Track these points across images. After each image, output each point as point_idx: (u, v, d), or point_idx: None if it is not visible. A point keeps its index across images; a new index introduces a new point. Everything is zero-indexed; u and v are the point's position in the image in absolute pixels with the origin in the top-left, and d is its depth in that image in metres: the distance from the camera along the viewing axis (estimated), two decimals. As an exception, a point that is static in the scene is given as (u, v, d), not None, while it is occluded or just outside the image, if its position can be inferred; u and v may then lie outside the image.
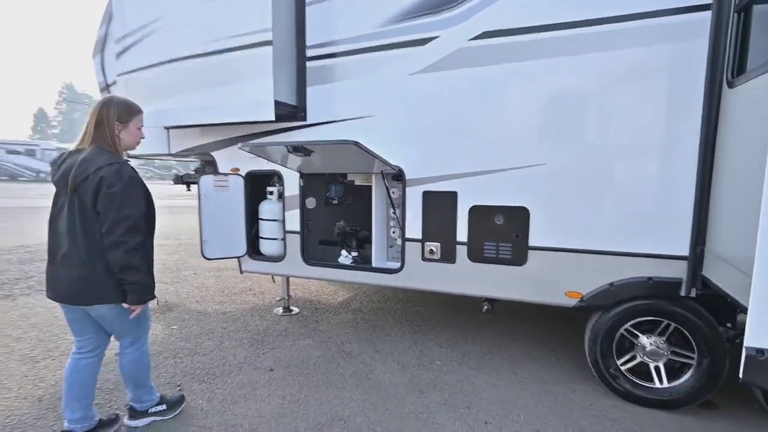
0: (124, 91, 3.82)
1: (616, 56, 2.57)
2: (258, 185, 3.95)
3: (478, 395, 2.84)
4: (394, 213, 3.42)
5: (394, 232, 3.62)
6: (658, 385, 2.72)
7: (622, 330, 2.79)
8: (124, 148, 2.21)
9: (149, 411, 2.46)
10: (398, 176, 3.33)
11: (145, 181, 2.18)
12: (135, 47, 3.72)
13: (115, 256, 1.99)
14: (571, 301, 2.85)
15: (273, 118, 3.14)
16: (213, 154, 3.91)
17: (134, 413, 2.44)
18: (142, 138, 2.29)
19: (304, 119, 3.48)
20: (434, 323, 4.13)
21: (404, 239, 3.26)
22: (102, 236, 2.00)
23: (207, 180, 3.75)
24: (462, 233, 3.08)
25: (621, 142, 2.63)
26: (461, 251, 3.09)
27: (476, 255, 3.05)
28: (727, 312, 2.59)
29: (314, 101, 3.44)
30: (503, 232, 2.95)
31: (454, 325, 4.08)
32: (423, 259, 3.22)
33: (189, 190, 4.56)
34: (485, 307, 3.35)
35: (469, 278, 3.11)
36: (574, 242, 2.78)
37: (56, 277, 2.08)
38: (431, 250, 3.17)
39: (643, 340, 2.76)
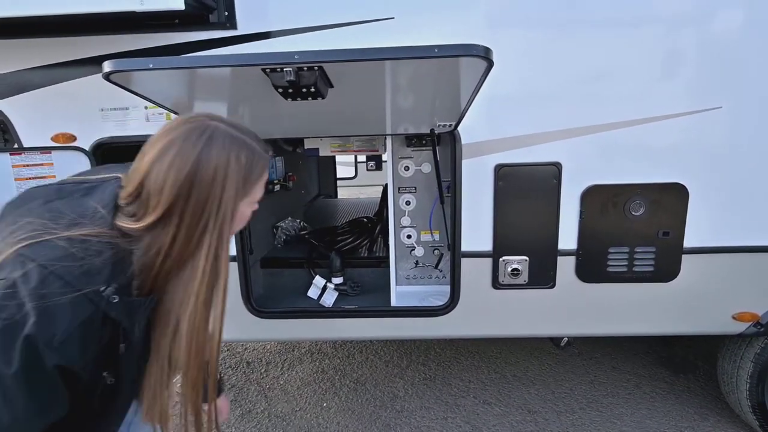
0: None
1: None
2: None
3: None
4: (441, 205, 1.89)
5: (409, 237, 2.09)
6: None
7: (795, 356, 1.90)
8: None
9: None
10: (420, 139, 1.83)
11: None
12: None
13: None
14: (739, 327, 1.82)
15: (182, 7, 1.28)
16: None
17: None
18: None
19: (231, 25, 1.65)
20: (445, 360, 2.79)
21: (455, 254, 1.79)
22: None
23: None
24: (568, 236, 1.75)
25: None
26: (565, 267, 1.78)
27: (593, 271, 1.77)
28: None
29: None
30: (642, 230, 1.72)
31: (470, 358, 2.81)
32: (496, 286, 1.81)
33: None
34: (566, 338, 2.15)
35: (578, 310, 1.84)
36: (754, 236, 1.72)
37: None
38: (514, 269, 1.78)
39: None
